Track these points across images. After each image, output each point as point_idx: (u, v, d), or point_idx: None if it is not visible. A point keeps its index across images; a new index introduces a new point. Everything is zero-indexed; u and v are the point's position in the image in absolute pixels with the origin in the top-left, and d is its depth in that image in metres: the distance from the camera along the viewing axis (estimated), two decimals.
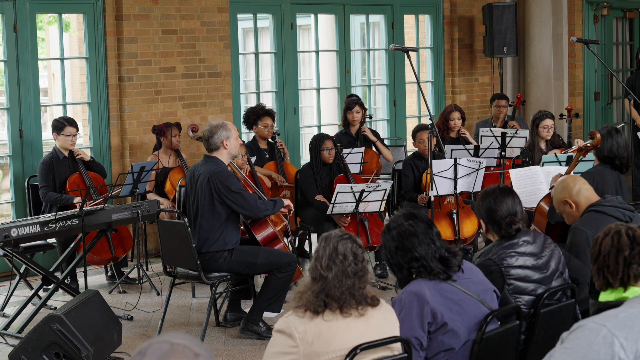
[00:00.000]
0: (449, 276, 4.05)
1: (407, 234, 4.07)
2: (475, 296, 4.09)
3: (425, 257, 4.04)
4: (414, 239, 4.06)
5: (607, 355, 2.82)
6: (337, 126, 10.42)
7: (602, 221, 5.00)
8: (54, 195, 7.88)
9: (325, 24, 11.99)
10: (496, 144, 8.86)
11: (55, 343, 5.47)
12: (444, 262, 4.07)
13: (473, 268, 4.24)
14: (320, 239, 3.83)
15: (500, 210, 4.56)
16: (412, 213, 4.16)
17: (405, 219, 4.12)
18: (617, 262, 3.21)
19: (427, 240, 4.06)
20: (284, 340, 3.64)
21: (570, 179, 5.31)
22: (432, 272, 4.04)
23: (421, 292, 3.98)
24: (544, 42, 12.14)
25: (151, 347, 2.12)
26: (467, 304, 4.06)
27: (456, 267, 4.09)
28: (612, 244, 3.24)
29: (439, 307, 3.98)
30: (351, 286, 3.69)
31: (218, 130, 6.52)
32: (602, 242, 3.27)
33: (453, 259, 4.09)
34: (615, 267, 3.21)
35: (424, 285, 4.02)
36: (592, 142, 6.51)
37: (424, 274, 4.05)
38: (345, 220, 7.99)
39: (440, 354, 4.01)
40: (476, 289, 4.13)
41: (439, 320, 3.97)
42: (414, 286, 4.03)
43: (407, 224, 4.09)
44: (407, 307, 3.97)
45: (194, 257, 6.41)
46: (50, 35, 16.20)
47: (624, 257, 3.21)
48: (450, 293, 4.05)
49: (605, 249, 3.25)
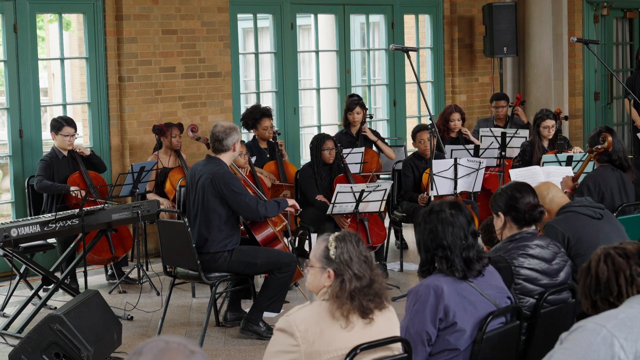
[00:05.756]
0: (465, 276, 4.06)
1: (444, 221, 4.09)
2: (492, 300, 4.10)
3: (452, 249, 4.05)
4: (448, 228, 4.08)
5: (606, 356, 2.82)
6: (337, 126, 10.42)
7: (573, 219, 5.10)
8: (47, 183, 7.86)
9: (325, 24, 11.99)
10: (496, 144, 8.86)
11: (55, 343, 5.47)
12: (467, 263, 4.08)
13: (494, 272, 4.23)
14: (335, 239, 3.77)
15: (523, 197, 4.62)
16: (458, 204, 4.18)
17: (449, 207, 4.14)
18: (619, 284, 3.13)
19: (460, 235, 4.07)
20: (285, 339, 3.64)
21: (544, 186, 5.35)
22: (452, 267, 4.05)
23: (439, 287, 3.99)
24: (544, 42, 12.14)
25: (147, 346, 2.16)
26: (482, 306, 4.06)
27: (477, 271, 4.09)
28: (608, 269, 3.15)
29: (453, 305, 3.98)
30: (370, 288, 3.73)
31: (232, 133, 6.52)
32: (597, 271, 3.17)
33: (477, 263, 4.09)
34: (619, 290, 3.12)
35: (443, 281, 4.03)
36: (603, 146, 6.66)
37: (444, 266, 4.05)
38: (345, 221, 7.99)
39: (444, 353, 4.01)
40: (492, 293, 4.13)
41: (450, 319, 3.97)
42: (433, 280, 4.03)
43: (448, 212, 4.11)
44: (423, 300, 3.98)
45: (194, 257, 6.41)
46: (50, 35, 16.20)
47: (625, 278, 3.15)
48: (468, 293, 4.05)
49: (604, 275, 3.15)
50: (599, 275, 3.15)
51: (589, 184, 6.76)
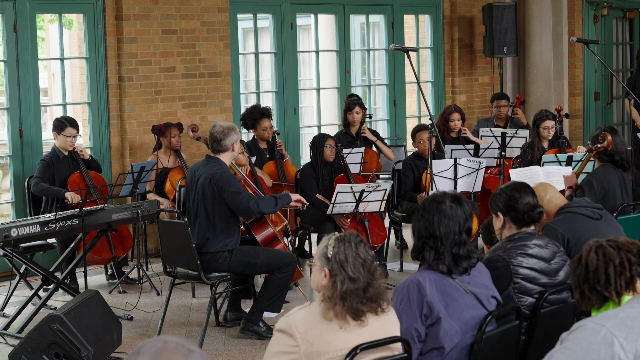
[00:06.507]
0: (450, 272, 4.06)
1: (442, 212, 4.09)
2: (474, 296, 4.09)
3: (444, 241, 4.05)
4: (444, 220, 4.08)
5: (606, 355, 2.82)
6: (337, 126, 10.42)
7: (572, 219, 5.12)
8: (44, 186, 7.86)
9: (325, 24, 11.99)
10: (496, 144, 8.86)
11: (55, 343, 5.47)
12: (455, 259, 4.07)
13: (483, 271, 4.23)
14: (336, 239, 3.75)
15: (522, 198, 4.62)
16: (460, 198, 4.18)
17: (450, 200, 4.14)
18: (607, 273, 3.18)
19: (454, 229, 4.07)
20: (285, 340, 3.64)
21: (542, 187, 5.36)
22: (439, 259, 4.05)
23: (422, 284, 3.99)
24: (544, 42, 12.14)
25: (145, 346, 2.18)
26: (464, 301, 4.06)
27: (463, 269, 4.08)
28: (598, 258, 3.20)
29: (436, 301, 3.98)
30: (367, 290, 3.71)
31: (231, 133, 6.51)
32: (587, 260, 3.23)
33: (465, 261, 4.09)
34: (606, 279, 3.18)
35: (426, 276, 4.03)
36: (602, 145, 6.67)
37: (431, 256, 4.05)
38: (345, 221, 7.99)
39: (432, 352, 4.01)
40: (477, 291, 4.13)
41: (434, 315, 3.97)
42: (416, 277, 4.04)
43: (448, 204, 4.11)
44: (408, 298, 3.98)
45: (194, 257, 6.41)
46: (51, 35, 16.19)
47: (614, 267, 3.19)
48: (450, 289, 4.05)
49: (593, 264, 3.21)
50: (588, 264, 3.21)
51: (592, 181, 6.76)
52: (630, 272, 3.18)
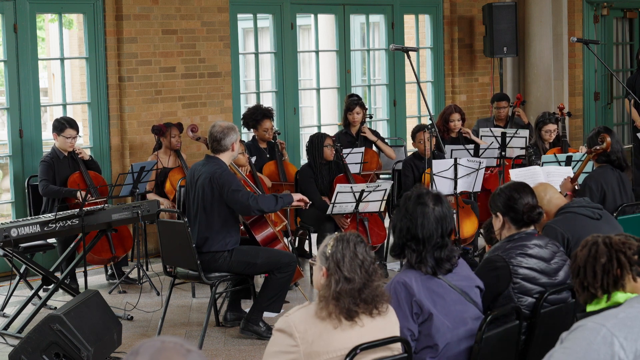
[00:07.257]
0: (435, 273, 4.07)
1: (425, 214, 4.07)
2: (459, 290, 4.10)
3: (425, 243, 4.05)
4: (427, 224, 4.06)
5: (606, 355, 2.82)
6: (337, 126, 10.42)
7: (572, 219, 5.12)
8: (55, 188, 7.88)
9: (325, 24, 11.99)
10: (496, 144, 8.86)
11: (55, 343, 5.47)
12: (437, 261, 4.08)
13: (462, 263, 4.23)
14: (335, 239, 3.74)
15: (522, 198, 4.61)
16: (442, 198, 4.14)
17: (433, 202, 4.09)
18: (594, 271, 3.21)
19: (436, 232, 4.05)
20: (284, 340, 3.64)
21: (541, 187, 5.36)
22: (421, 261, 4.05)
23: (408, 283, 4.00)
24: (544, 42, 12.14)
25: (144, 346, 2.18)
26: (451, 298, 4.07)
27: (445, 270, 4.09)
28: (588, 255, 3.24)
29: (424, 300, 3.99)
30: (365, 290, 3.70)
31: (230, 133, 6.51)
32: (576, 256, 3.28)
33: (447, 263, 4.10)
34: (593, 276, 3.21)
35: (412, 275, 4.04)
36: (602, 147, 6.67)
37: (413, 259, 4.05)
38: (345, 221, 7.99)
39: (425, 350, 4.01)
40: (461, 284, 4.14)
41: (425, 311, 3.98)
42: (402, 276, 4.04)
43: (431, 207, 4.07)
44: (395, 298, 3.98)
45: (194, 257, 6.41)
46: (51, 34, 16.19)
47: (602, 265, 3.21)
48: (436, 286, 4.06)
49: (582, 260, 3.25)
50: (577, 260, 3.23)
51: (591, 184, 6.77)
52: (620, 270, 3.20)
